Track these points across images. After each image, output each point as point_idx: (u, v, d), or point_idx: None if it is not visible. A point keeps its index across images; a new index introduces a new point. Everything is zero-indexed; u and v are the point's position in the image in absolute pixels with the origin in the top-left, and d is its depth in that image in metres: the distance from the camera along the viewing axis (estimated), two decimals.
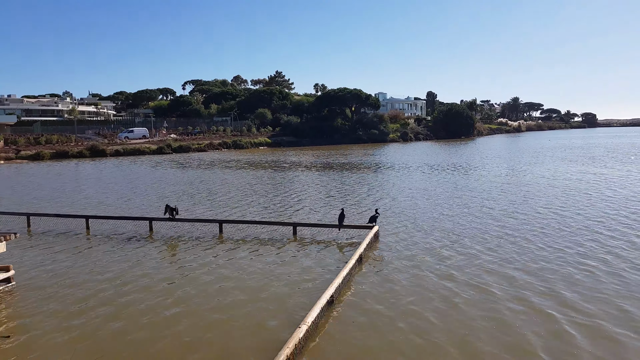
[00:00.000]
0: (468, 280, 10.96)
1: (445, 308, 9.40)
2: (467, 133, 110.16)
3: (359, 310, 9.38)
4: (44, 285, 11.27)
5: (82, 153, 60.82)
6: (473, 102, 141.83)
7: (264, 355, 7.47)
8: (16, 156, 57.39)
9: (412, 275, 11.39)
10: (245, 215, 19.29)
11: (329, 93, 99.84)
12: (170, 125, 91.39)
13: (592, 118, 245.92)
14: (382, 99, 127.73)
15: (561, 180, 28.84)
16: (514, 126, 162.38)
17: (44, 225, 18.08)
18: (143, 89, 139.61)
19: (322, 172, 37.08)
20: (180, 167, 44.82)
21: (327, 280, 10.80)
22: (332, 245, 14.42)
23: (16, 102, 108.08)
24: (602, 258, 12.39)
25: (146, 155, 63.15)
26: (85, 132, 79.72)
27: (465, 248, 13.68)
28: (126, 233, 16.59)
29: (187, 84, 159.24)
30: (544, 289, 10.25)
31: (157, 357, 7.76)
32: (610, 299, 9.67)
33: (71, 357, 7.61)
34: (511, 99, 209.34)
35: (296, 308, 9.46)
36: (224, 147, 74.18)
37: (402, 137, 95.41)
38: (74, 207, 22.47)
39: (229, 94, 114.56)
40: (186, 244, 15.03)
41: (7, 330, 8.80)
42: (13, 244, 13.85)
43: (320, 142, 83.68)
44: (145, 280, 11.54)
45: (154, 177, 35.54)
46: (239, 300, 10.08)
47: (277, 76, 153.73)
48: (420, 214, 18.95)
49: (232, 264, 12.62)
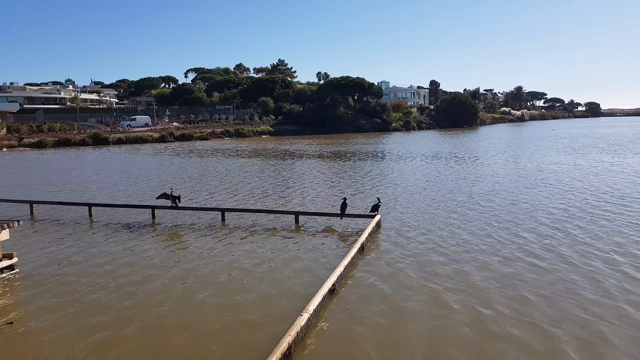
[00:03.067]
0: (472, 268, 10.97)
1: (446, 296, 9.42)
2: (470, 122, 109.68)
3: (360, 298, 9.40)
4: (47, 273, 11.33)
5: (84, 141, 60.77)
6: (476, 91, 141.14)
7: (265, 343, 7.50)
8: (19, 144, 57.42)
9: (414, 264, 11.40)
10: (248, 204, 19.30)
11: (331, 82, 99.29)
12: (172, 114, 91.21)
13: (595, 107, 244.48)
14: (385, 88, 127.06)
15: (564, 168, 28.77)
16: (517, 115, 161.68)
17: (46, 212, 18.14)
18: (145, 77, 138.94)
19: (325, 161, 37.03)
20: (182, 155, 44.81)
21: (329, 268, 10.82)
22: (334, 234, 14.43)
23: (19, 89, 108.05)
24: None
25: (149, 143, 63.11)
26: (88, 120, 79.61)
27: (468, 236, 13.66)
28: (129, 221, 16.64)
29: (189, 72, 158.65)
30: (548, 275, 10.27)
31: (160, 344, 7.81)
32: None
33: (74, 343, 7.65)
34: (514, 88, 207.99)
35: (298, 296, 9.49)
36: (226, 135, 74.03)
37: (405, 126, 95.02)
38: (76, 194, 22.52)
39: (232, 82, 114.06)
40: (188, 232, 15.07)
41: (10, 317, 8.86)
42: (16, 232, 13.89)
43: (323, 131, 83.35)
44: (147, 267, 11.58)
45: (157, 166, 35.55)
46: (240, 288, 10.11)
47: (279, 64, 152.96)
48: (423, 203, 18.93)
49: (234, 252, 12.65)
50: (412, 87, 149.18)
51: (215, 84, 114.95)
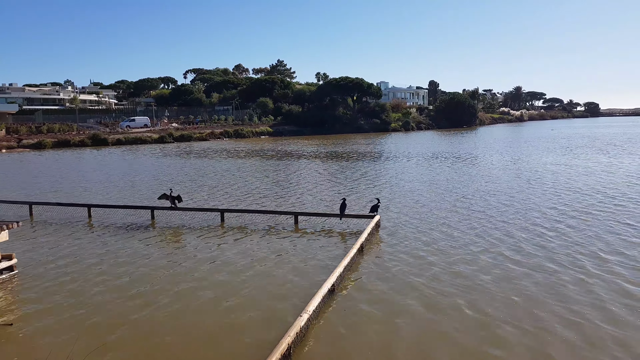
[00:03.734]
0: (469, 269, 10.97)
1: (444, 297, 9.42)
2: (469, 122, 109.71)
3: (360, 299, 9.41)
4: (46, 274, 11.32)
5: (83, 142, 60.73)
6: (475, 91, 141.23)
7: (264, 344, 7.50)
8: (18, 145, 57.37)
9: (413, 265, 11.40)
10: (247, 204, 19.30)
11: (330, 82, 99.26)
12: (171, 114, 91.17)
13: (594, 108, 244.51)
14: (384, 88, 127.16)
15: (564, 168, 28.80)
16: (516, 115, 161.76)
17: (46, 213, 18.13)
18: (144, 78, 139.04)
19: (324, 162, 37.04)
20: (181, 156, 44.80)
21: (329, 269, 10.82)
22: (333, 235, 14.44)
23: (18, 90, 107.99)
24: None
25: (148, 144, 63.08)
26: (87, 121, 79.60)
27: (467, 237, 13.67)
28: (128, 222, 16.63)
29: (188, 72, 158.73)
30: (551, 273, 10.28)
31: (160, 345, 7.81)
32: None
33: (73, 344, 7.65)
34: (514, 88, 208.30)
35: (297, 297, 9.49)
36: (225, 136, 74.00)
37: (404, 126, 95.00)
38: (75, 195, 22.50)
39: (231, 83, 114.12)
40: (188, 232, 15.07)
41: (9, 318, 8.86)
42: (15, 233, 13.89)
43: (322, 132, 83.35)
44: (147, 268, 11.58)
45: (156, 166, 35.54)
46: (240, 289, 10.11)
47: (278, 65, 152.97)
48: (422, 203, 18.94)
49: (233, 253, 12.65)
50: (411, 87, 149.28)
51: (215, 85, 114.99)
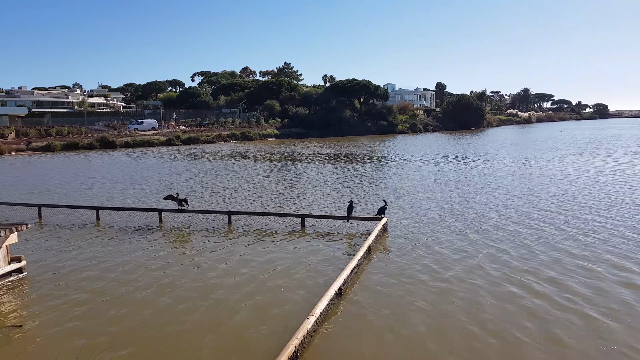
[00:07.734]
0: (475, 272, 10.91)
1: (452, 301, 9.37)
2: (477, 124, 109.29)
3: (367, 302, 9.37)
4: (55, 276, 11.39)
5: (92, 144, 61.16)
6: (483, 93, 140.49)
7: (271, 346, 7.49)
8: (27, 148, 57.84)
9: (421, 267, 11.35)
10: (254, 207, 19.32)
11: (337, 84, 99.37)
12: (179, 117, 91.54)
13: (603, 109, 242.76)
14: (391, 90, 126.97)
15: (572, 171, 28.58)
16: (524, 117, 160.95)
17: (54, 216, 18.25)
18: (152, 81, 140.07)
19: (331, 164, 37.02)
20: (189, 158, 44.96)
21: (336, 271, 10.80)
22: (340, 237, 14.41)
23: (27, 94, 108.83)
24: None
25: (155, 146, 63.37)
26: (95, 123, 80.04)
27: (475, 240, 13.60)
28: (136, 224, 16.70)
29: (195, 75, 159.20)
30: (563, 280, 10.20)
31: (169, 347, 7.82)
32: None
33: (82, 346, 7.68)
34: (521, 89, 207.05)
35: (304, 299, 9.48)
36: (232, 138, 74.21)
37: (411, 128, 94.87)
38: (84, 198, 22.64)
39: (238, 85, 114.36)
40: (195, 235, 15.11)
41: (19, 320, 8.91)
42: (24, 235, 13.99)
43: (329, 134, 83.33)
44: (155, 271, 11.62)
45: (164, 169, 35.69)
46: (246, 291, 10.11)
47: (285, 67, 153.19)
48: (430, 205, 18.87)
49: (241, 255, 12.66)
50: (418, 89, 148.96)
51: (222, 87, 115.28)
